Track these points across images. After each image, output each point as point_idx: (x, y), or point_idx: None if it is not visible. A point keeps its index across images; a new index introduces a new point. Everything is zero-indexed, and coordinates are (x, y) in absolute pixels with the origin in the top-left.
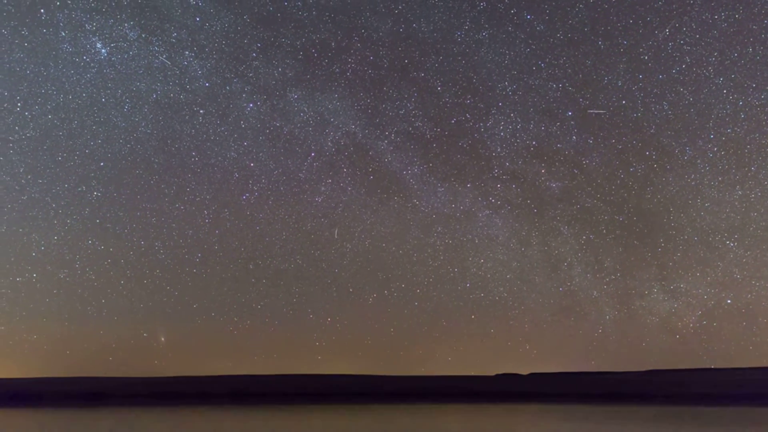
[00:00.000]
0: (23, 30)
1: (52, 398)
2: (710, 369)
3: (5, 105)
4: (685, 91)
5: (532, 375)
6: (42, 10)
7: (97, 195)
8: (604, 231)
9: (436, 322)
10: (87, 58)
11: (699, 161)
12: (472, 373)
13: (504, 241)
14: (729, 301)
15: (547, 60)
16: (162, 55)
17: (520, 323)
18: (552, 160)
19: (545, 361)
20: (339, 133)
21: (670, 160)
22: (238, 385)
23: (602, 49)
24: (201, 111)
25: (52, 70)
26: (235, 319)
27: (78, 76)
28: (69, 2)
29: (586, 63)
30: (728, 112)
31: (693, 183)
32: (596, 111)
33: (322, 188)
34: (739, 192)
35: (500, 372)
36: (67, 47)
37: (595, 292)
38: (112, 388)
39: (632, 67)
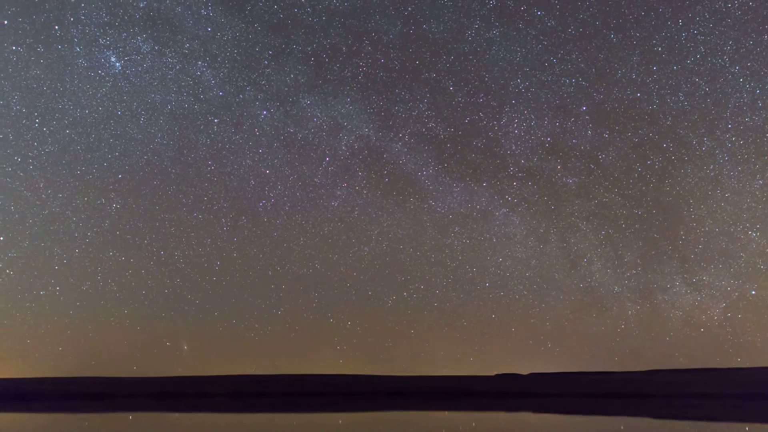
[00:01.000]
0: (39, 47)
1: (53, 398)
2: (710, 369)
3: (24, 122)
4: (701, 82)
5: (532, 375)
6: (56, 27)
7: (116, 207)
8: (623, 225)
9: (456, 322)
10: (102, 72)
11: (717, 151)
12: (473, 373)
13: (522, 239)
14: (753, 293)
15: (559, 55)
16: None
17: (541, 321)
18: (567, 156)
19: (568, 359)
20: (353, 137)
21: (688, 151)
22: (238, 385)
23: (615, 42)
24: (215, 120)
25: (68, 85)
26: (256, 325)
27: (94, 90)
28: (83, 17)
29: (598, 57)
30: (746, 101)
31: (712, 174)
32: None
33: (338, 192)
34: (760, 181)
35: (500, 372)
36: (82, 62)
37: (617, 288)
38: (112, 388)
39: (646, 59)
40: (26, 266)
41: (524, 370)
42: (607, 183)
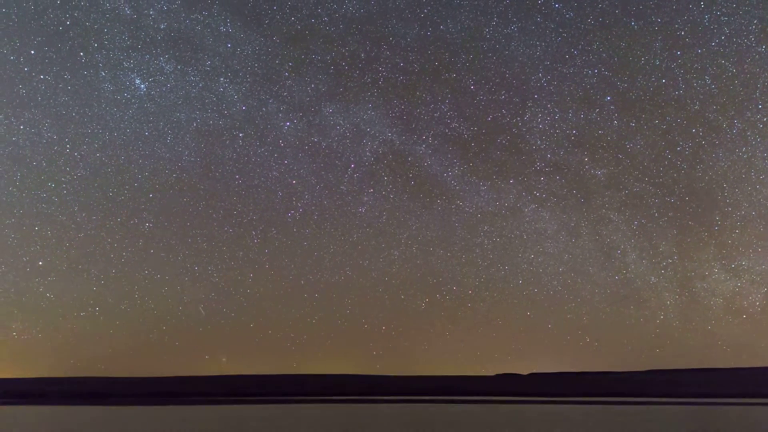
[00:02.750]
0: (65, 74)
1: (55, 398)
2: (710, 369)
3: (55, 148)
4: (727, 63)
5: (532, 375)
6: (81, 53)
7: (149, 226)
8: (656, 214)
9: (491, 322)
10: (128, 94)
11: (749, 133)
12: (472, 374)
13: (553, 234)
14: None
15: (580, 47)
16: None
17: (578, 316)
18: (594, 148)
19: (608, 354)
20: (376, 143)
21: (719, 135)
22: (238, 385)
23: (636, 29)
24: (240, 134)
25: (96, 110)
26: (292, 335)
27: (121, 113)
28: (106, 42)
29: (620, 45)
30: None
31: (745, 156)
32: None
33: (365, 198)
34: None
35: (500, 372)
36: (108, 86)
37: (653, 278)
38: (112, 388)
39: (669, 45)
40: (65, 289)
41: (524, 370)
42: (636, 172)
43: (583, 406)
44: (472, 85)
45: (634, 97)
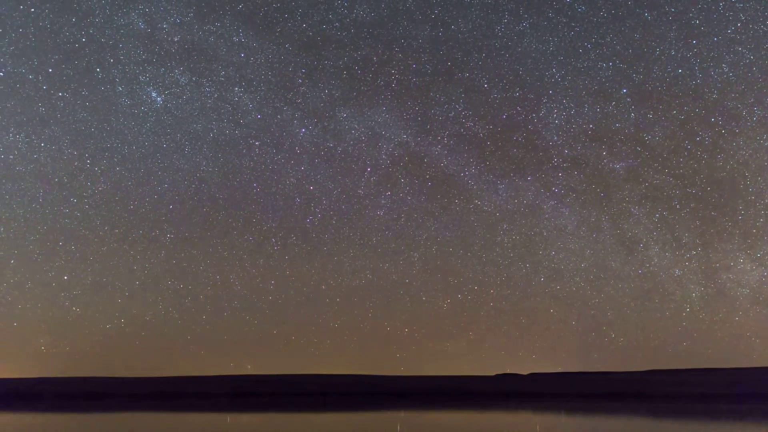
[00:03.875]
0: (83, 90)
1: (52, 398)
2: (710, 369)
3: (76, 163)
4: (744, 50)
5: (532, 375)
6: (98, 69)
7: (170, 237)
8: (678, 206)
9: (514, 321)
10: (144, 108)
11: None
12: (474, 373)
13: (573, 229)
14: None
15: (593, 40)
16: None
17: (602, 312)
18: (612, 141)
19: (633, 350)
20: (392, 145)
21: (738, 123)
22: (238, 385)
23: (649, 20)
24: (256, 143)
25: (114, 124)
26: (315, 340)
27: (138, 126)
28: (122, 57)
29: (634, 37)
30: None
31: (766, 144)
32: None
33: (383, 201)
34: None
35: (500, 372)
36: (125, 100)
37: (677, 271)
38: (112, 388)
39: (684, 34)
40: (90, 302)
41: (524, 370)
42: (656, 164)
43: (583, 406)
44: (486, 83)
45: (650, 89)
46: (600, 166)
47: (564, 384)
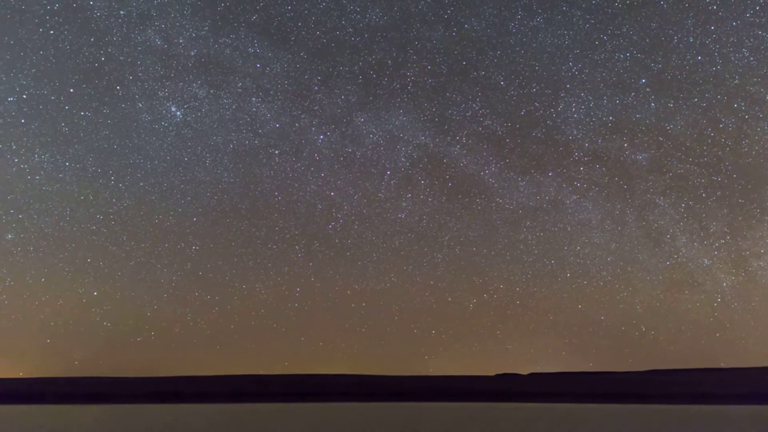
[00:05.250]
0: (104, 108)
1: (52, 398)
2: (710, 369)
3: (100, 181)
4: (765, 34)
5: (532, 375)
6: (118, 87)
7: (195, 249)
8: (704, 195)
9: (541, 318)
10: (165, 123)
11: None
12: (473, 374)
13: (598, 223)
14: None
15: (609, 32)
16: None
17: (631, 306)
18: (633, 132)
19: (665, 343)
20: (410, 147)
21: (762, 107)
22: (238, 385)
23: (665, 8)
24: (276, 152)
25: (135, 140)
26: (343, 345)
27: (160, 141)
28: (140, 74)
29: (651, 26)
30: None
31: None
32: None
33: (404, 204)
34: None
35: (500, 372)
36: (145, 117)
37: (706, 260)
38: (112, 388)
39: (702, 20)
40: (121, 317)
41: (524, 370)
42: (679, 153)
43: (583, 406)
44: (502, 80)
45: (670, 78)
46: (622, 158)
47: (564, 384)
